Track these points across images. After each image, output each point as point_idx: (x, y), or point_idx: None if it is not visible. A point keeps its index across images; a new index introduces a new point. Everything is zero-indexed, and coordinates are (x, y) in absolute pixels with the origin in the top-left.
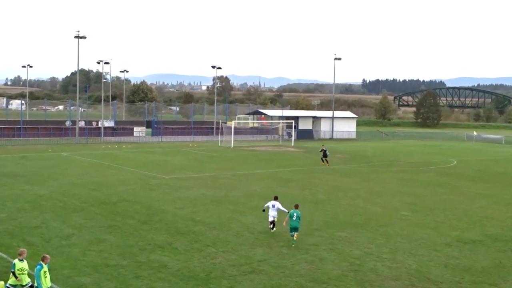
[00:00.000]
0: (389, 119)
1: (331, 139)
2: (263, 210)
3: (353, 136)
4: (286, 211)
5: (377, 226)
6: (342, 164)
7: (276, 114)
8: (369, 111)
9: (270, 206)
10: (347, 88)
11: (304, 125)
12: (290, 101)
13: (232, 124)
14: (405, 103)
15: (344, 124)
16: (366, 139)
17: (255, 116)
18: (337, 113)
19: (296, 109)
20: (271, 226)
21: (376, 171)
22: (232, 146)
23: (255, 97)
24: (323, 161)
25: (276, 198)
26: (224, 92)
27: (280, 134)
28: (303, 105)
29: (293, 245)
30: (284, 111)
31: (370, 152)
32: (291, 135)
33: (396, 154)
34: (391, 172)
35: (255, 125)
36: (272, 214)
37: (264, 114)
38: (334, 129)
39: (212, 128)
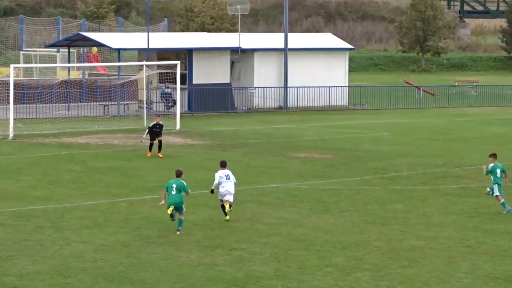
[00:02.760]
0: (438, 53)
1: (282, 108)
2: (212, 191)
3: (343, 100)
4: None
5: None
6: (316, 178)
7: (132, 45)
8: (382, 31)
9: (224, 179)
10: None
11: (208, 74)
12: (169, 8)
13: (11, 74)
14: (477, 9)
15: (316, 69)
16: (376, 109)
17: (74, 51)
18: (297, 39)
19: (185, 29)
20: (226, 208)
21: (405, 195)
22: (11, 134)
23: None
24: (151, 149)
25: (224, 165)
26: None
27: (144, 99)
28: (206, 17)
29: (178, 233)
30: (155, 36)
31: (387, 141)
32: (173, 102)
33: (456, 146)
34: (448, 196)
35: (76, 75)
36: (227, 190)
37: (100, 45)
38: (289, 84)
39: None
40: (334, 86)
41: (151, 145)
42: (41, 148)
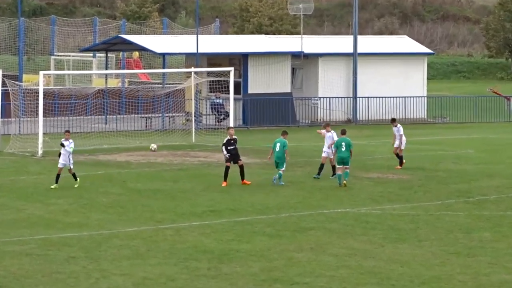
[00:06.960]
0: None
1: (350, 122)
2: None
3: (421, 112)
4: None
5: None
6: (390, 202)
7: (179, 49)
8: (466, 34)
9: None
10: None
11: (266, 83)
12: (221, 7)
13: (40, 82)
14: None
15: (390, 77)
16: (459, 122)
17: (113, 56)
18: (368, 43)
19: (239, 31)
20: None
21: (494, 222)
22: (40, 151)
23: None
24: (226, 178)
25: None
26: None
27: (192, 111)
28: (263, 18)
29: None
30: (205, 39)
31: (472, 160)
32: (225, 114)
33: None
34: None
35: (115, 83)
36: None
37: (142, 49)
38: (358, 94)
39: None
40: (410, 97)
41: (226, 171)
42: (74, 167)
